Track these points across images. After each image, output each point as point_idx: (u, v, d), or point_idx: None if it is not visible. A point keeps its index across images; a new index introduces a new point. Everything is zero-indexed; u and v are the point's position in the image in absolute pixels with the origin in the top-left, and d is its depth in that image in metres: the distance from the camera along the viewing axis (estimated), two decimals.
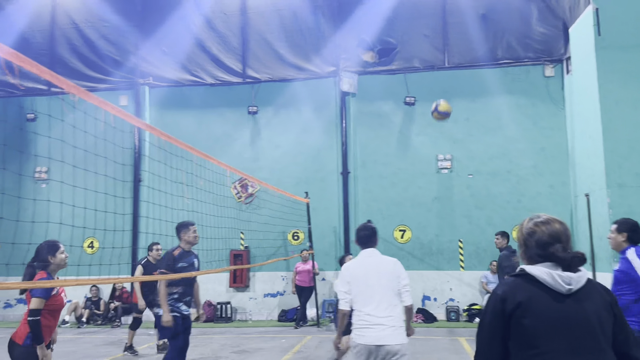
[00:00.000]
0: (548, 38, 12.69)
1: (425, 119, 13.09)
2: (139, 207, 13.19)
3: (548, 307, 2.07)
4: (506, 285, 2.17)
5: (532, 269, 2.14)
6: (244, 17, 13.97)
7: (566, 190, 12.31)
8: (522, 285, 2.12)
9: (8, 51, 2.63)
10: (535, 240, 2.20)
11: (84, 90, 3.28)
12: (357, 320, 4.30)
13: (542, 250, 2.17)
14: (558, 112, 12.55)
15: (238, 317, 13.08)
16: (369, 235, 4.56)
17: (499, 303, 2.12)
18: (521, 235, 2.28)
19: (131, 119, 3.87)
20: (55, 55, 14.44)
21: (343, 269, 4.55)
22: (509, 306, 2.09)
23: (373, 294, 4.27)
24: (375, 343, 4.14)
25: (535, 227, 2.23)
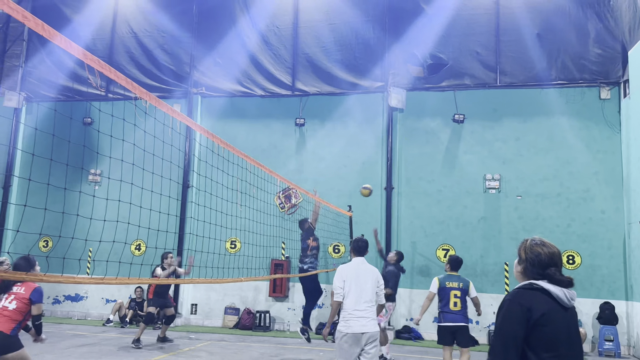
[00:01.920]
0: (605, 60, 12.35)
1: (474, 137, 12.93)
2: (187, 209, 13.50)
3: (561, 317, 2.45)
4: (527, 296, 2.46)
5: (548, 285, 2.48)
6: (296, 31, 14.22)
7: (619, 217, 11.86)
8: (542, 297, 2.46)
9: (90, 57, 2.78)
10: (539, 261, 2.56)
11: (155, 97, 3.42)
12: (345, 314, 5.42)
13: (542, 270, 2.54)
14: (613, 136, 12.15)
15: (276, 326, 13.14)
16: (365, 247, 5.83)
17: (525, 312, 2.41)
18: (526, 254, 2.61)
19: (195, 126, 4.01)
20: (114, 63, 15.04)
21: (340, 269, 5.61)
22: (535, 315, 2.40)
23: (360, 293, 5.45)
24: (360, 331, 5.31)
25: (540, 249, 2.59)
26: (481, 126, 12.93)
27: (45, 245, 14.33)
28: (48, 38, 2.49)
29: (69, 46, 2.61)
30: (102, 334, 11.44)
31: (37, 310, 5.07)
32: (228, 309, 13.36)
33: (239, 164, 6.42)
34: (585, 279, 11.81)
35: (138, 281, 3.79)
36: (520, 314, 2.41)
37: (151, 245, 13.13)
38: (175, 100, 14.53)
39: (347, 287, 5.47)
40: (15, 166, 15.24)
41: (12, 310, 5.06)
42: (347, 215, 12.31)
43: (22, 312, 5.11)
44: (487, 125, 12.90)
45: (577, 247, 11.99)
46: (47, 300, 14.44)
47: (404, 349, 10.71)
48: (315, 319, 13.01)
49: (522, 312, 2.41)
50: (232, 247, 13.56)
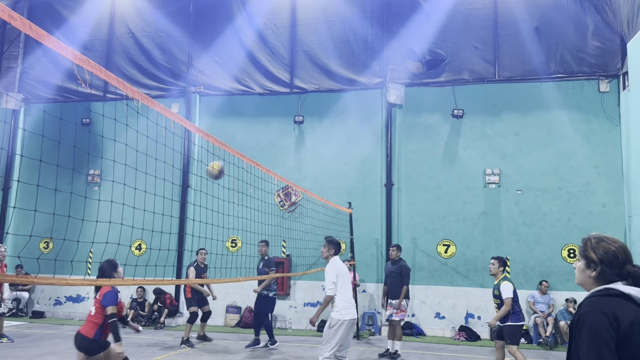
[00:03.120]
0: (604, 52, 12.30)
1: (473, 132, 12.89)
2: (186, 209, 13.49)
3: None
4: (608, 304, 2.13)
5: (626, 288, 2.15)
6: (294, 28, 14.18)
7: (620, 210, 11.83)
8: (625, 304, 2.12)
9: (80, 57, 2.75)
10: (615, 260, 2.23)
11: (147, 97, 3.40)
12: (342, 303, 6.21)
13: (620, 270, 2.21)
14: (613, 129, 12.11)
15: (278, 325, 13.14)
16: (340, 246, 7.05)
17: (613, 321, 2.07)
18: (598, 254, 2.27)
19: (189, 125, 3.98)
20: (112, 63, 15.03)
21: (333, 267, 6.35)
22: (624, 324, 2.06)
23: (348, 285, 6.40)
24: (354, 317, 6.26)
25: (610, 245, 2.26)
26: (480, 121, 12.89)
27: (45, 247, 14.32)
28: (36, 39, 2.45)
29: (58, 47, 2.58)
30: None
31: (110, 311, 5.39)
32: (229, 307, 13.36)
33: (236, 163, 6.39)
34: None
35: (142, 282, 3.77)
36: (608, 324, 2.07)
37: (151, 246, 13.11)
38: (174, 99, 14.51)
39: (340, 282, 6.30)
40: (15, 168, 15.23)
41: (93, 314, 5.48)
42: (347, 212, 12.29)
43: (99, 316, 5.46)
44: (486, 120, 12.86)
45: (578, 241, 11.85)
46: (49, 301, 14.45)
47: (405, 345, 10.68)
48: None
49: (610, 321, 2.07)
50: (232, 246, 13.55)
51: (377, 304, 12.81)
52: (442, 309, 12.35)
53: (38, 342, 10.22)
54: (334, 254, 6.55)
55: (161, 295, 13.18)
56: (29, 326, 12.52)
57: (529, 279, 12.05)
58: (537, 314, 11.45)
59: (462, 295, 12.24)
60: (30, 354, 8.89)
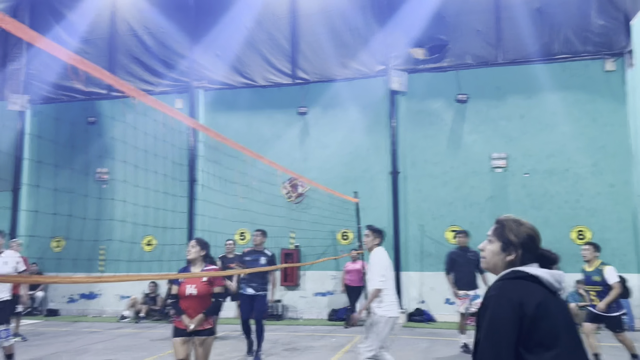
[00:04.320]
0: (608, 31, 12.14)
1: (478, 116, 12.82)
2: (195, 205, 13.57)
3: (555, 306, 2.06)
4: (515, 288, 2.06)
5: (536, 270, 2.11)
6: (293, 18, 14.13)
7: (628, 189, 11.74)
8: (531, 287, 2.06)
9: (74, 57, 2.78)
10: (533, 242, 2.22)
11: (143, 93, 3.42)
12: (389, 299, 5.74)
13: (536, 252, 2.21)
14: (619, 108, 11.99)
15: (289, 315, 13.23)
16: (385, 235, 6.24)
17: (516, 308, 1.99)
18: (519, 237, 2.23)
19: (187, 120, 4.00)
20: (115, 61, 15.09)
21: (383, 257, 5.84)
22: (529, 310, 1.99)
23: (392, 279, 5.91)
24: (397, 314, 5.84)
25: (530, 229, 2.25)
26: (485, 105, 12.81)
27: (57, 246, 14.48)
28: (28, 41, 2.48)
29: (51, 48, 2.60)
30: (118, 330, 11.58)
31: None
32: None
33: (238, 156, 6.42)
34: None
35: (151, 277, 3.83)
36: (511, 311, 1.99)
37: (162, 242, 13.24)
38: (177, 95, 14.55)
39: (388, 276, 5.80)
40: (23, 169, 15.37)
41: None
42: (354, 201, 12.31)
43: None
44: (491, 104, 12.78)
45: (587, 222, 11.90)
46: (63, 299, 14.63)
47: (415, 332, 10.74)
48: (327, 305, 13.08)
49: (513, 308, 1.99)
50: (241, 239, 13.62)
51: None
52: (451, 294, 12.33)
53: (53, 339, 10.38)
54: (379, 244, 6.02)
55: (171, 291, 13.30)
56: (44, 324, 12.71)
57: None
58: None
59: None
60: (46, 352, 9.04)
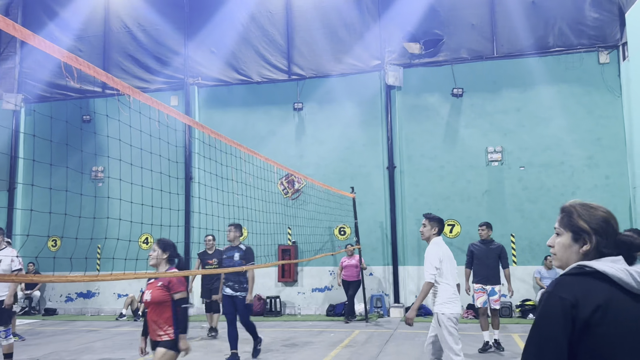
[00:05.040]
0: (602, 23, 12.16)
1: (474, 110, 12.83)
2: (191, 203, 13.56)
3: (628, 312, 1.70)
4: (572, 286, 1.74)
5: (602, 265, 1.74)
6: (289, 14, 14.09)
7: (624, 181, 11.78)
8: (595, 285, 1.73)
9: (67, 55, 2.76)
10: (608, 227, 1.83)
11: (137, 91, 3.41)
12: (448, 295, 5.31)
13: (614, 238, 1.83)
14: (614, 101, 12.01)
15: (287, 311, 13.25)
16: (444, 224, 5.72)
17: (567, 308, 1.70)
18: (591, 224, 1.85)
19: (181, 117, 3.99)
20: (109, 59, 15.03)
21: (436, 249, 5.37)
22: (584, 312, 1.68)
23: (453, 273, 5.45)
24: (460, 311, 5.35)
25: (605, 212, 1.87)
26: (481, 99, 12.82)
27: (54, 245, 14.45)
28: (21, 39, 2.46)
29: (45, 46, 2.59)
30: (116, 329, 11.58)
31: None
32: None
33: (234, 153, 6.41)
34: None
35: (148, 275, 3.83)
36: (561, 312, 1.70)
37: None
38: (173, 92, 14.51)
39: (444, 268, 5.35)
40: (18, 168, 15.32)
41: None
42: (350, 197, 12.32)
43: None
44: (486, 98, 12.79)
45: None
46: (60, 298, 14.61)
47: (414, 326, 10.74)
48: (324, 300, 13.10)
49: (564, 309, 1.70)
50: None
51: (384, 286, 12.88)
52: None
53: (51, 338, 10.37)
54: (437, 233, 5.51)
55: None
56: (42, 324, 12.69)
57: (535, 254, 12.07)
58: (544, 289, 11.48)
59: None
60: (44, 351, 9.03)
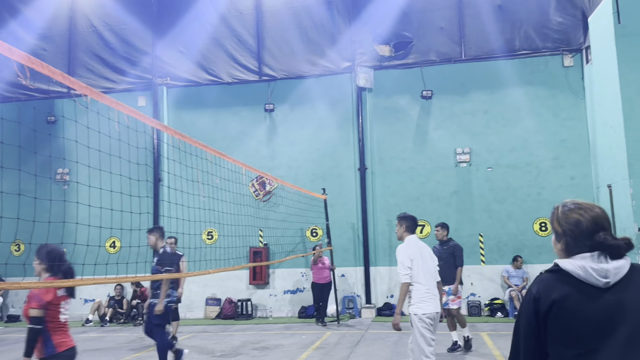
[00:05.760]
0: (566, 27, 12.46)
1: (443, 112, 12.98)
2: (160, 206, 13.35)
3: (585, 304, 1.89)
4: (540, 283, 1.99)
5: (565, 263, 1.95)
6: (259, 15, 14.01)
7: (588, 181, 12.08)
8: (557, 282, 1.95)
9: (20, 54, 2.68)
10: (582, 230, 1.98)
11: (96, 91, 3.32)
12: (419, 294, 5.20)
13: (589, 240, 1.97)
14: (578, 103, 12.32)
15: (259, 313, 13.16)
16: (417, 223, 5.64)
17: (532, 303, 1.97)
18: (562, 226, 2.03)
19: (145, 119, 3.91)
20: (75, 58, 14.69)
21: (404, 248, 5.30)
22: (543, 306, 1.93)
23: (427, 271, 5.30)
24: (436, 310, 5.24)
25: (577, 214, 2.02)
26: (449, 101, 12.98)
27: (17, 250, 14.03)
28: None
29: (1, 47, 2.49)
30: (82, 335, 11.31)
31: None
32: (209, 300, 13.32)
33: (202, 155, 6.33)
34: None
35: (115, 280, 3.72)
36: (527, 306, 1.98)
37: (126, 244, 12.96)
38: (140, 92, 14.25)
39: (416, 267, 5.23)
40: None
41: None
42: (322, 198, 12.32)
43: None
44: (455, 100, 12.96)
45: (549, 214, 12.10)
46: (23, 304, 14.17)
47: (385, 326, 10.82)
48: (296, 302, 13.06)
49: (529, 303, 1.98)
50: (209, 239, 13.47)
51: (356, 287, 12.91)
52: None
53: (13, 346, 10.06)
54: (407, 230, 5.46)
55: (139, 288, 13.10)
56: (4, 330, 12.32)
57: (503, 254, 12.28)
58: (512, 288, 11.69)
59: None
60: (7, 358, 8.75)
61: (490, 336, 9.52)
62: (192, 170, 8.06)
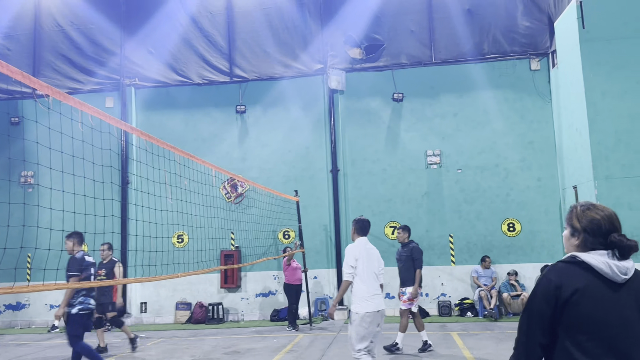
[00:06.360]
0: (534, 32, 12.74)
1: (414, 114, 13.11)
2: (127, 209, 13.08)
3: (604, 295, 2.10)
4: (560, 271, 2.16)
5: (588, 257, 2.15)
6: (230, 15, 13.90)
7: (554, 183, 12.36)
8: (578, 272, 2.14)
9: None
10: (600, 227, 2.20)
11: (59, 92, 3.22)
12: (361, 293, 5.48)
13: (604, 238, 2.19)
14: (545, 106, 12.60)
15: (230, 317, 13.02)
16: (368, 226, 5.87)
17: (553, 290, 2.12)
18: (582, 222, 2.25)
19: (110, 120, 3.81)
20: (40, 58, 14.30)
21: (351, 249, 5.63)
22: (565, 293, 2.10)
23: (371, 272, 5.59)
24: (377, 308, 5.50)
25: (595, 214, 2.24)
26: (420, 103, 13.11)
27: None
28: None
29: None
30: (47, 342, 11.00)
31: None
32: (179, 304, 13.12)
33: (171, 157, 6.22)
34: (526, 244, 12.30)
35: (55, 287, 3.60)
36: (547, 291, 2.14)
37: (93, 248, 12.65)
38: (108, 93, 13.96)
39: (360, 267, 5.54)
40: None
41: None
42: (294, 200, 12.28)
43: None
44: (425, 102, 13.10)
45: (517, 214, 12.43)
46: None
47: None
48: (269, 306, 12.97)
49: (550, 289, 2.14)
50: (179, 242, 13.28)
51: (328, 289, 12.91)
52: (391, 288, 12.54)
53: None
54: (357, 232, 5.82)
55: None
56: None
57: (472, 254, 12.45)
58: (481, 288, 11.86)
59: None
60: None
61: (460, 335, 9.63)
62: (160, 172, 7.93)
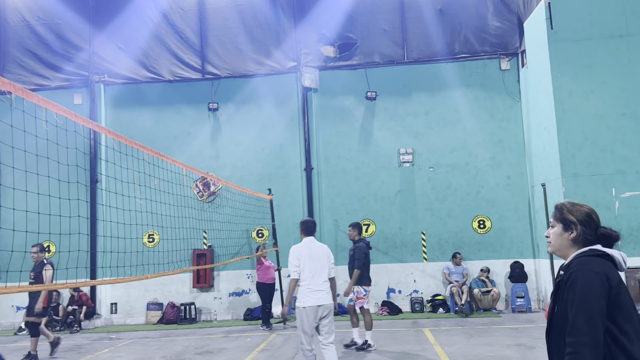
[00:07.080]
0: (503, 32, 12.95)
1: (386, 113, 13.18)
2: (97, 210, 12.80)
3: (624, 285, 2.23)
4: (600, 264, 2.19)
5: (611, 250, 2.25)
6: (202, 12, 13.73)
7: (523, 180, 12.61)
8: (607, 264, 2.21)
9: None
10: (594, 220, 2.30)
11: (22, 88, 3.12)
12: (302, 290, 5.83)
13: (595, 231, 2.29)
14: (514, 105, 12.83)
15: (203, 317, 12.90)
16: (313, 227, 6.23)
17: (605, 281, 2.13)
18: (576, 216, 2.31)
19: (76, 118, 3.71)
20: (5, 54, 13.88)
21: (293, 249, 5.98)
22: (613, 282, 2.15)
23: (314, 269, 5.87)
24: (317, 303, 5.78)
25: (584, 208, 2.33)
26: (393, 102, 13.20)
27: None
28: None
29: None
30: (14, 344, 10.71)
31: None
32: (150, 304, 12.93)
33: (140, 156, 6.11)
34: (495, 241, 12.51)
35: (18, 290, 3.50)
36: (602, 285, 2.12)
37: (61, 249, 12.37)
38: (77, 90, 13.64)
39: (302, 265, 5.86)
40: None
41: None
42: (268, 199, 12.23)
43: None
44: (398, 101, 13.19)
45: (487, 212, 12.64)
46: None
47: None
48: (242, 305, 12.90)
49: (603, 282, 2.12)
50: (150, 242, 13.07)
51: None
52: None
53: None
54: (302, 232, 6.15)
55: (77, 293, 12.56)
56: None
57: (444, 251, 12.61)
58: (453, 284, 12.02)
59: (383, 271, 12.58)
60: None
61: (432, 331, 9.74)
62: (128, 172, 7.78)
